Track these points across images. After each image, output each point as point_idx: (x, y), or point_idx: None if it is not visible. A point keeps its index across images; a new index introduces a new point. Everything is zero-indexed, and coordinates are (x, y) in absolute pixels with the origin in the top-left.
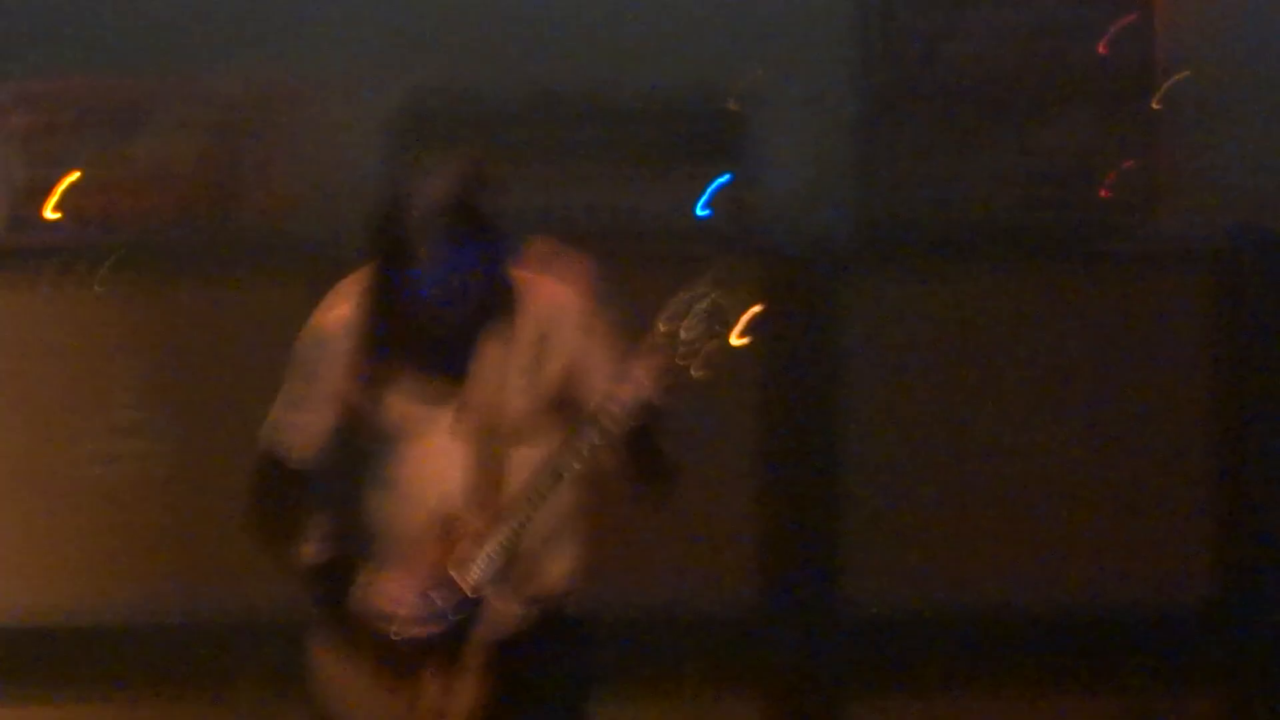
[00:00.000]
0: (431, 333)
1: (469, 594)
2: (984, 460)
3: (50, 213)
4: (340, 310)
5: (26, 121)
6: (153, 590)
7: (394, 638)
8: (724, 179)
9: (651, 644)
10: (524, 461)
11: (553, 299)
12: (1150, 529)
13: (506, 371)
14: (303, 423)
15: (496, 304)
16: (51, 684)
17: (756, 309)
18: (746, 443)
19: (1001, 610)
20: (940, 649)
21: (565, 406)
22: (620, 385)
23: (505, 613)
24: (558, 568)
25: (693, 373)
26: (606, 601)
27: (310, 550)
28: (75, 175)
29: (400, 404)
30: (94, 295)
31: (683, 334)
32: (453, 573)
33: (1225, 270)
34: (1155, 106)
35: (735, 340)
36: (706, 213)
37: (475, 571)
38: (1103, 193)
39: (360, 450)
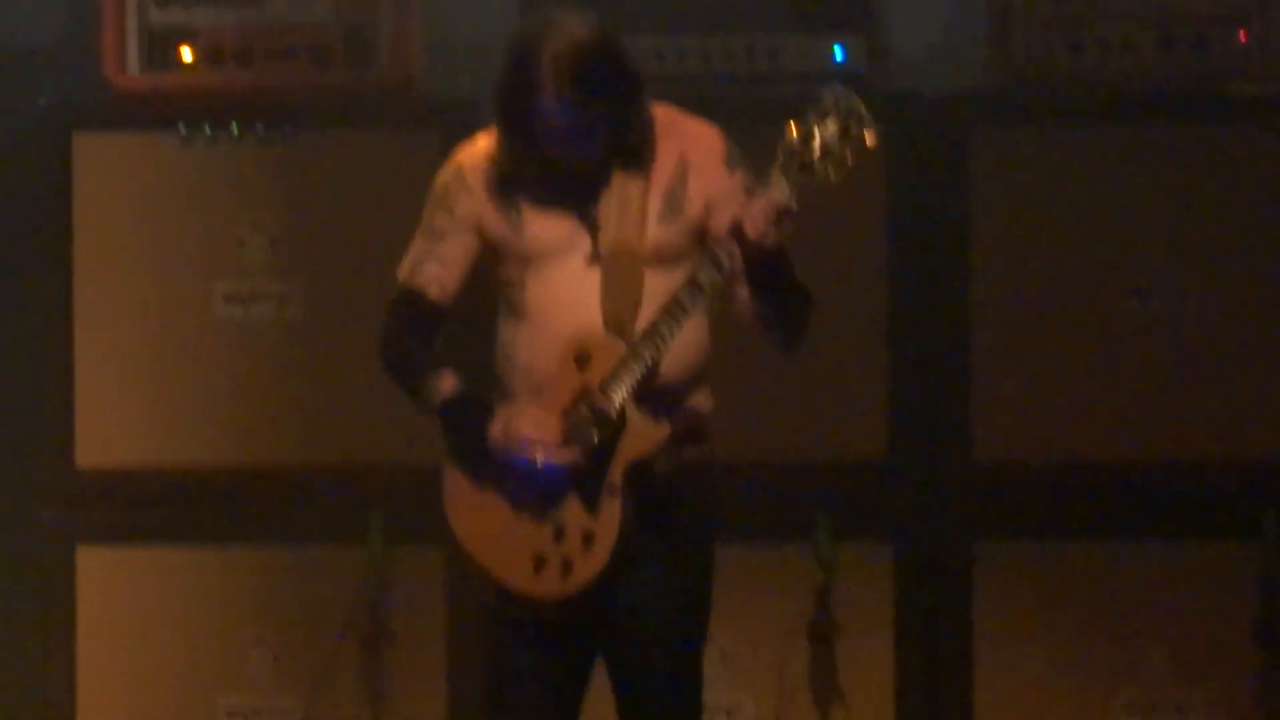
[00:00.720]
0: (569, 165)
1: (611, 415)
2: (1114, 315)
3: (185, 54)
4: (480, 145)
5: None
6: (286, 434)
7: (539, 465)
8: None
9: (782, 490)
10: (662, 287)
11: (694, 132)
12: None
13: (646, 200)
14: (443, 255)
15: (633, 137)
16: (188, 528)
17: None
18: (876, 294)
19: (1128, 463)
20: (1068, 499)
21: (703, 239)
22: (758, 193)
23: (647, 432)
24: (692, 404)
25: (831, 175)
26: (738, 446)
27: (446, 385)
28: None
29: (539, 232)
30: (230, 140)
31: (817, 136)
32: (594, 394)
33: None
34: None
35: (869, 142)
36: (842, 56)
37: (616, 391)
38: (1241, 35)
39: (498, 282)
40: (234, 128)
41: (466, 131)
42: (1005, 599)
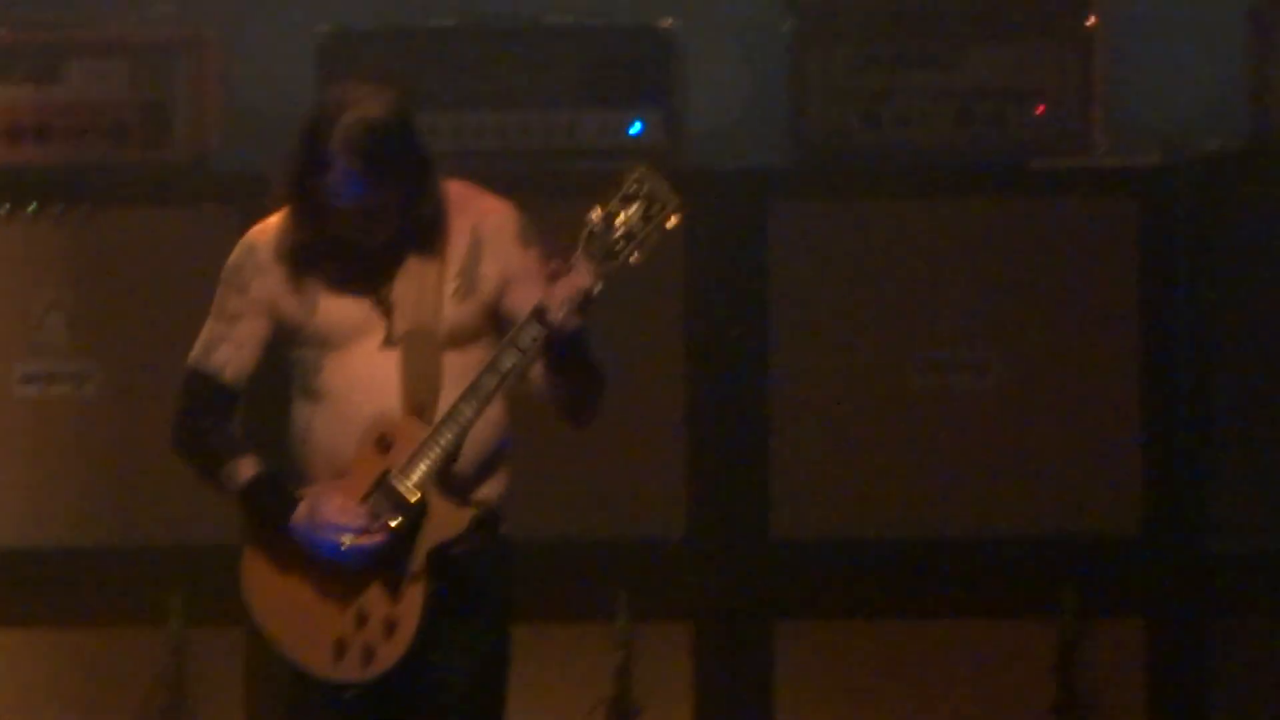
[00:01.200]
0: (361, 244)
1: (412, 500)
2: (915, 388)
3: None
4: (271, 225)
5: None
6: (85, 515)
7: (343, 548)
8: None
9: (581, 569)
10: (460, 368)
11: (487, 208)
12: (1081, 458)
13: (440, 279)
14: (236, 337)
15: (426, 215)
16: None
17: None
18: (674, 370)
19: (930, 539)
20: (868, 575)
21: (499, 317)
22: (560, 278)
23: (449, 517)
24: (491, 486)
25: (631, 259)
26: (537, 524)
27: (246, 469)
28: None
29: (333, 314)
30: (27, 217)
31: (621, 218)
32: (394, 480)
33: (1158, 191)
34: (1090, 24)
35: (671, 223)
36: (639, 130)
37: (418, 476)
38: (1039, 108)
39: (292, 365)
40: (31, 205)
41: (264, 207)
42: (806, 676)
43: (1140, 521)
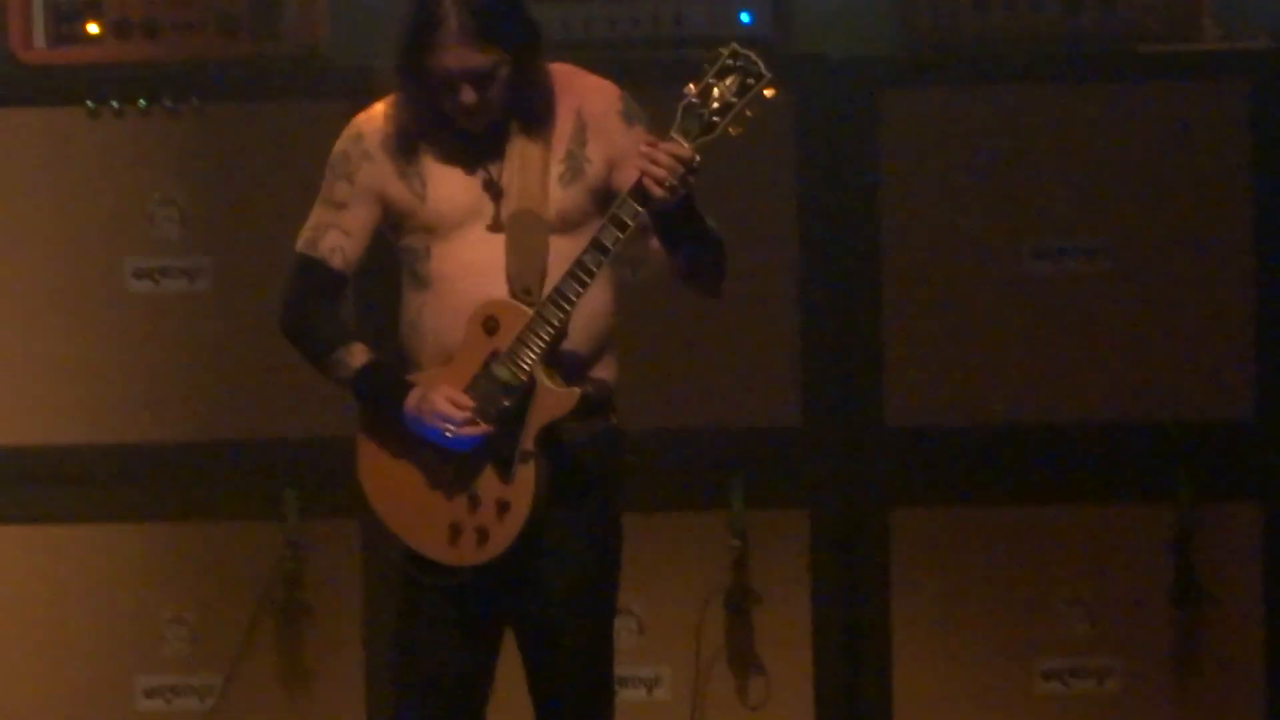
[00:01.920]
0: (464, 123)
1: (521, 380)
2: (1028, 274)
3: (91, 27)
4: (378, 112)
5: None
6: (199, 410)
7: (450, 437)
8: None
9: (696, 457)
10: (568, 252)
11: (591, 88)
12: (1195, 343)
13: (546, 160)
14: (344, 224)
15: (533, 96)
16: (102, 505)
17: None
18: (786, 256)
19: (1045, 425)
20: (983, 461)
21: (608, 198)
22: (659, 147)
23: (557, 396)
24: (600, 368)
25: (731, 130)
26: (651, 413)
27: (356, 356)
28: None
29: (443, 200)
30: (138, 113)
31: (715, 91)
32: (501, 361)
33: (1269, 73)
34: None
35: (768, 94)
36: (748, 19)
37: (525, 356)
38: None
39: (400, 252)
40: (141, 101)
41: (374, 99)
42: (922, 565)
43: (1254, 406)
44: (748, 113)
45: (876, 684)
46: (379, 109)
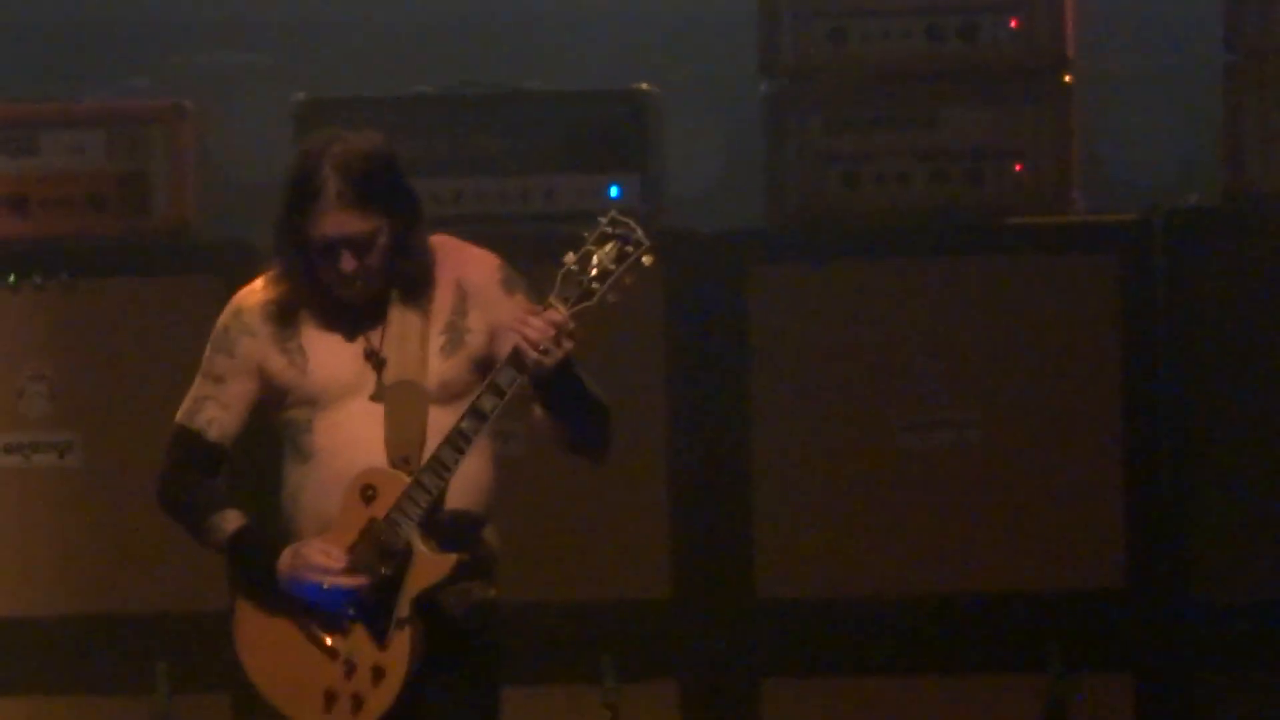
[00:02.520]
0: (344, 293)
1: (397, 545)
2: (897, 448)
3: None
4: (258, 287)
5: None
6: (69, 584)
7: (324, 587)
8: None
9: (567, 630)
10: (447, 422)
11: (474, 261)
12: (1064, 514)
13: (427, 331)
14: (223, 398)
15: (413, 266)
16: None
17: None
18: (656, 428)
19: (915, 597)
20: (855, 633)
21: (488, 369)
22: (533, 314)
23: (434, 562)
24: (479, 537)
25: (610, 298)
26: (522, 585)
27: (230, 521)
28: None
29: (324, 372)
30: (7, 289)
31: (595, 259)
32: (380, 527)
33: (1137, 246)
34: (1066, 82)
35: (646, 262)
36: (616, 194)
37: (402, 522)
38: (1017, 166)
39: (281, 426)
40: (11, 277)
41: (245, 274)
42: None
43: (1125, 575)
44: (626, 280)
45: None
46: (259, 284)
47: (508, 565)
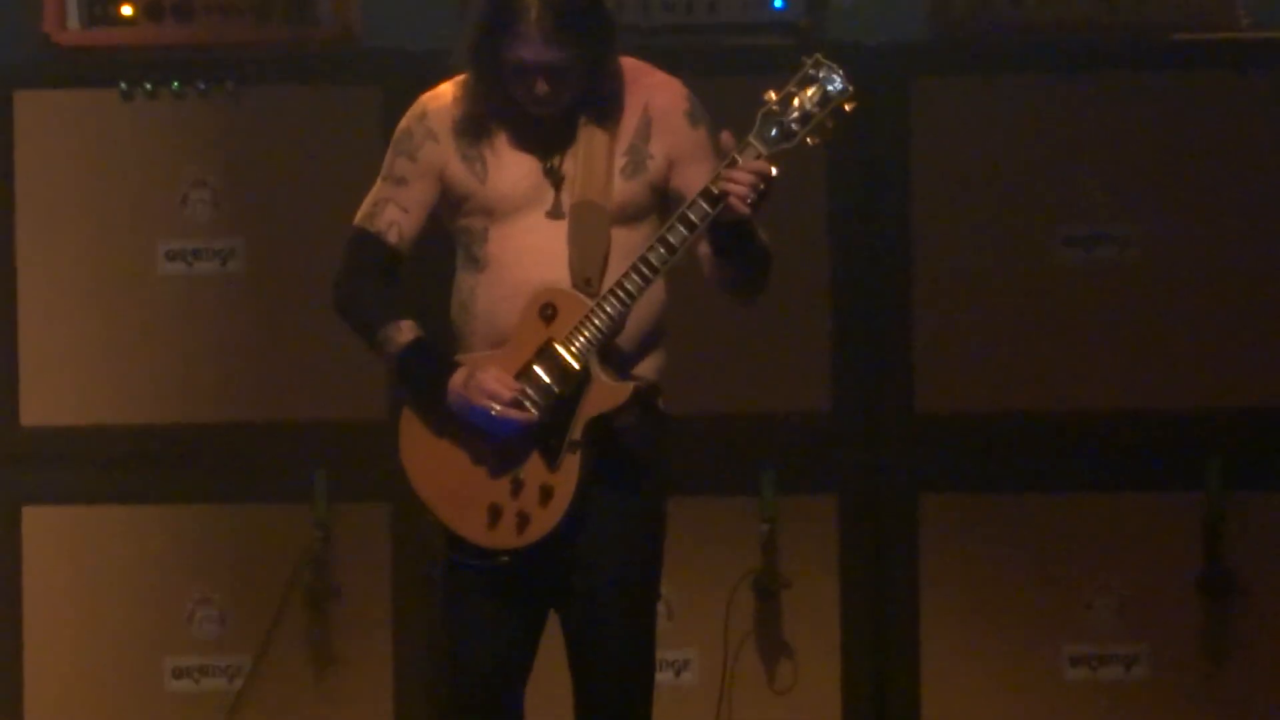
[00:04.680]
0: (537, 113)
1: (575, 369)
2: (1058, 263)
3: (125, 9)
4: (446, 92)
5: None
6: (230, 392)
7: (495, 415)
8: None
9: (727, 443)
10: (625, 243)
11: (661, 87)
12: (1225, 332)
13: (610, 151)
14: (403, 200)
15: (602, 87)
16: (133, 486)
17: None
18: (817, 244)
19: (1073, 413)
20: (1012, 448)
21: (665, 195)
22: (737, 161)
23: (610, 389)
24: (651, 361)
25: (810, 141)
26: (683, 400)
27: (404, 333)
28: None
29: (504, 183)
30: (171, 95)
31: (796, 100)
32: (556, 349)
33: None
34: None
35: (848, 108)
36: (781, 4)
37: (581, 346)
38: None
39: (457, 233)
40: (174, 83)
41: (408, 85)
42: (950, 551)
43: None
44: (828, 123)
45: (904, 668)
46: (446, 89)
47: (673, 380)
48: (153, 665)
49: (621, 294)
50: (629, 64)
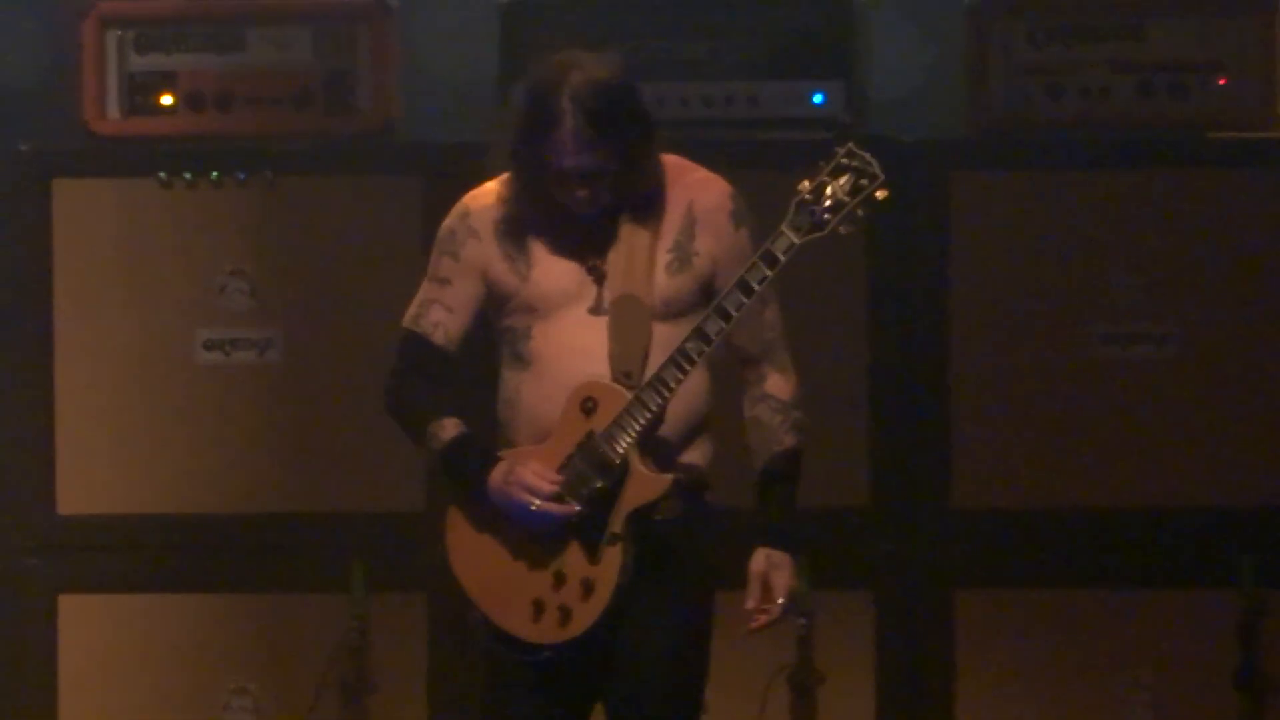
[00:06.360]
0: (578, 212)
1: (615, 462)
2: (1095, 359)
3: (165, 99)
4: (488, 191)
5: (138, 7)
6: (267, 482)
7: (534, 510)
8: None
9: None
10: (669, 339)
11: (705, 185)
12: (1261, 430)
13: (654, 248)
14: (448, 301)
15: (644, 185)
16: (170, 575)
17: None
18: (857, 336)
19: (1109, 509)
20: (1048, 544)
21: (711, 293)
22: (770, 243)
23: (650, 481)
24: (694, 453)
25: (841, 230)
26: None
27: (449, 429)
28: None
29: (547, 281)
30: (210, 184)
31: (829, 189)
32: (599, 441)
33: None
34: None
35: (879, 196)
36: (821, 100)
37: (621, 439)
38: (1221, 80)
39: (501, 332)
40: (214, 173)
41: (446, 175)
42: (987, 646)
43: None
44: (859, 212)
45: None
46: (489, 188)
47: (717, 472)
48: None
49: (661, 386)
50: (672, 161)
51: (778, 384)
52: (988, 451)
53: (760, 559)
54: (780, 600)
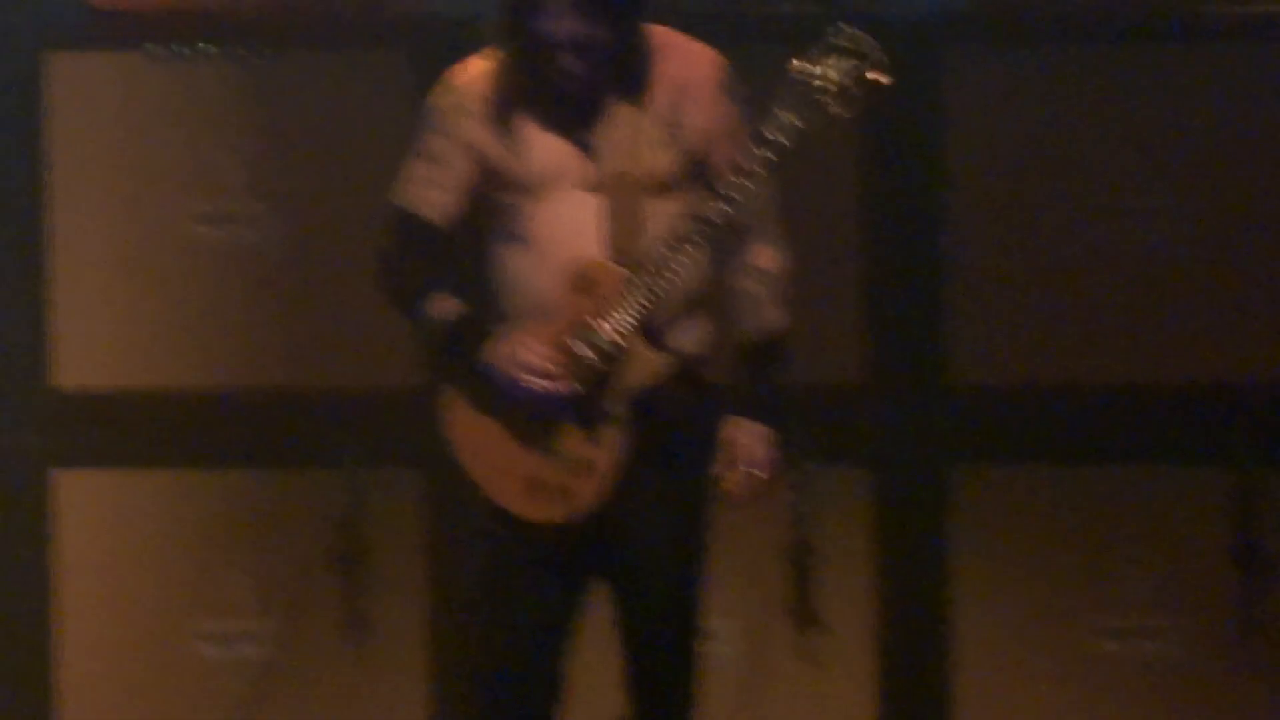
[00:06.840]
0: (567, 88)
1: (611, 342)
2: (1088, 237)
3: None
4: (476, 68)
5: None
6: (260, 357)
7: (535, 390)
8: None
9: None
10: (661, 215)
11: (695, 58)
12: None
13: (644, 125)
14: (441, 179)
15: (632, 59)
16: (163, 451)
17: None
18: (849, 218)
19: (1104, 385)
20: (1044, 420)
21: (702, 167)
22: (763, 125)
23: (648, 362)
24: (694, 334)
25: (832, 110)
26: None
27: (445, 306)
28: None
29: (539, 159)
30: (203, 58)
31: (820, 70)
32: (596, 321)
33: None
34: None
35: (877, 80)
36: None
37: (619, 319)
38: None
39: (493, 210)
40: (207, 46)
41: (436, 50)
42: (982, 523)
43: None
44: (855, 94)
45: (936, 641)
46: (476, 65)
47: (717, 352)
48: (184, 629)
49: (660, 268)
50: (660, 33)
51: (767, 256)
52: (983, 327)
53: (730, 427)
54: (755, 471)
